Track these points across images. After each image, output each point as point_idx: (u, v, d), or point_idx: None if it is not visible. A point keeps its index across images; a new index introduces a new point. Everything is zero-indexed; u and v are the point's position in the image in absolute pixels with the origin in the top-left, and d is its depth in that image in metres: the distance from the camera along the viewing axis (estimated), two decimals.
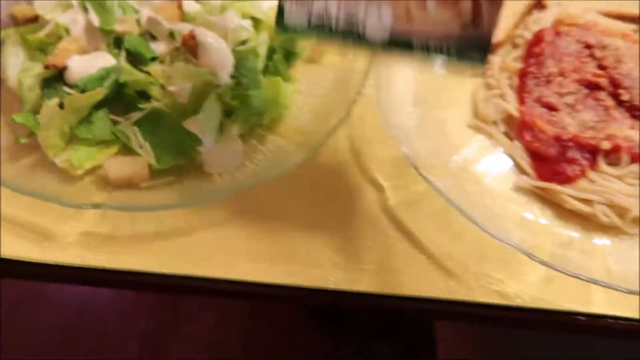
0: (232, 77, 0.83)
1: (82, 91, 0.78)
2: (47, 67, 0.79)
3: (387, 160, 0.87)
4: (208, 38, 0.83)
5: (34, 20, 0.96)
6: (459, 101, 0.96)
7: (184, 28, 0.86)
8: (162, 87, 0.83)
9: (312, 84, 0.96)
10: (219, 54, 0.83)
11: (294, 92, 0.91)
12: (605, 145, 0.85)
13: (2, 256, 0.71)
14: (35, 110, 0.82)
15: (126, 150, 0.82)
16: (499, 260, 0.78)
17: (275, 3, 1.00)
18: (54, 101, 0.75)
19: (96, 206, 0.72)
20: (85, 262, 0.72)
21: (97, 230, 0.76)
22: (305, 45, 0.98)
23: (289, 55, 0.94)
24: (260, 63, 0.88)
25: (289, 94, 0.90)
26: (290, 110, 0.90)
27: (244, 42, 0.89)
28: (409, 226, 0.80)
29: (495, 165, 0.89)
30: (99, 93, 0.78)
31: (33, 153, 0.80)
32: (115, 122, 0.82)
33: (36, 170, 0.78)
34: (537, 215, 0.85)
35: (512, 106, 0.93)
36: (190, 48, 0.84)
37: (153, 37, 0.89)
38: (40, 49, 0.88)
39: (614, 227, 0.80)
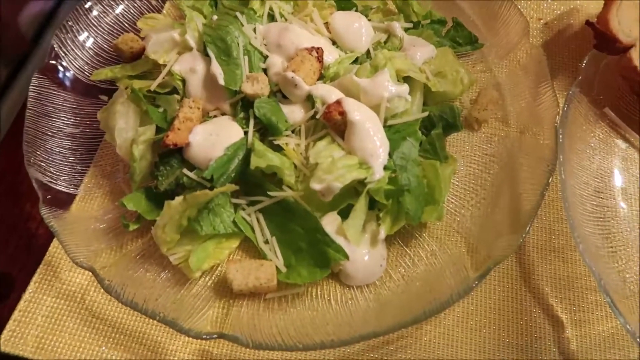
0: (385, 167, 0.66)
1: (205, 178, 0.64)
2: (167, 145, 0.64)
3: (565, 280, 0.69)
4: (361, 115, 0.65)
5: (140, 55, 0.82)
6: None
7: (329, 94, 0.69)
8: (297, 168, 0.67)
9: (472, 161, 0.77)
10: (373, 138, 0.65)
11: (452, 173, 0.73)
12: None
13: None
14: (144, 183, 0.70)
15: (247, 244, 0.68)
16: None
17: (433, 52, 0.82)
18: (178, 201, 0.61)
19: (220, 336, 0.58)
20: None
21: (214, 350, 0.63)
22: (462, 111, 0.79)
23: (448, 127, 0.75)
24: (418, 144, 0.69)
25: (446, 180, 0.71)
26: (447, 201, 0.72)
27: (395, 115, 0.71)
28: None
29: None
30: (230, 189, 0.63)
31: (139, 239, 0.68)
32: (235, 205, 0.68)
33: (145, 263, 0.66)
34: None
35: None
36: (335, 124, 0.67)
37: (284, 96, 0.73)
38: (151, 100, 0.73)
39: None
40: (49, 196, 0.66)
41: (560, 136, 0.71)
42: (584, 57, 0.79)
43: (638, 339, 0.60)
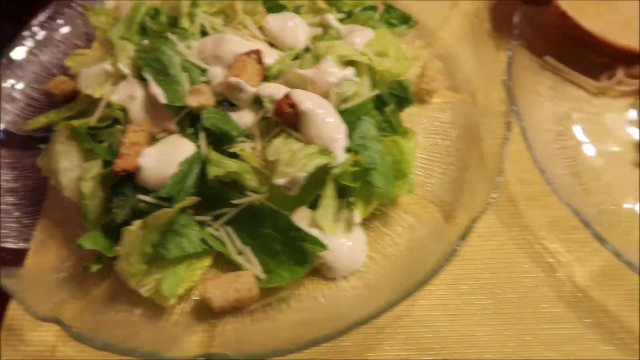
0: (348, 150, 0.64)
1: (162, 198, 0.60)
2: (116, 173, 0.60)
3: (546, 226, 0.68)
4: (311, 104, 0.64)
5: (74, 96, 0.79)
6: (612, 132, 0.76)
7: (276, 91, 0.67)
8: (257, 171, 0.65)
9: (431, 132, 0.77)
10: (328, 124, 0.63)
11: (414, 146, 0.72)
12: None
13: None
14: (100, 222, 0.65)
15: (221, 259, 0.65)
16: None
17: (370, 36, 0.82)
18: (137, 225, 0.57)
19: (206, 357, 0.54)
20: None
21: None
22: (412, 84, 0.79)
23: (400, 102, 0.74)
24: (375, 123, 0.68)
25: (411, 154, 0.70)
26: (414, 174, 0.71)
27: (346, 98, 0.70)
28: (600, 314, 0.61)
29: None
30: (190, 201, 0.60)
31: (104, 280, 0.63)
32: (201, 223, 0.65)
33: (115, 304, 0.61)
34: None
35: None
36: (287, 118, 0.65)
37: (231, 104, 0.71)
38: (93, 137, 0.70)
39: None
40: None
41: (510, 89, 0.72)
42: (514, 14, 0.82)
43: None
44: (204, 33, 0.78)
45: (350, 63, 0.73)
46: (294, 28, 0.78)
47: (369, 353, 0.59)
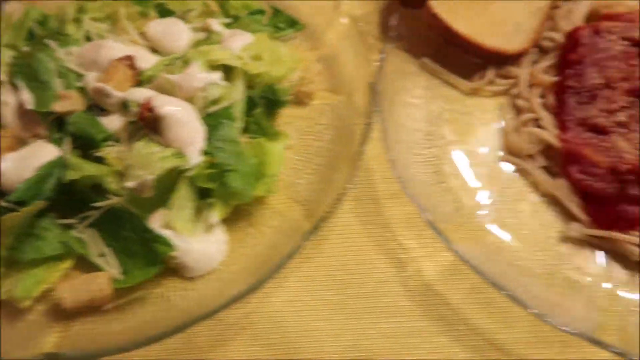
0: (205, 152, 0.66)
1: (18, 203, 0.62)
2: None
3: (404, 222, 0.71)
4: (169, 108, 0.66)
5: None
6: (481, 132, 0.79)
7: (139, 96, 0.69)
8: (121, 174, 0.67)
9: (305, 133, 0.80)
10: (186, 127, 0.66)
11: (285, 148, 0.75)
12: None
13: None
14: None
15: (83, 262, 0.67)
16: (564, 343, 0.63)
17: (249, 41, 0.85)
18: None
19: (50, 356, 0.56)
20: None
21: None
22: (289, 89, 0.81)
23: (272, 105, 0.77)
24: (237, 126, 0.71)
25: (277, 155, 0.73)
26: (283, 175, 0.73)
27: (215, 102, 0.72)
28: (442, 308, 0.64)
29: (536, 210, 0.72)
30: (37, 206, 0.62)
31: None
32: (65, 226, 0.66)
33: None
34: (597, 277, 0.68)
35: (550, 133, 0.76)
36: (148, 122, 0.67)
37: (103, 109, 0.73)
38: None
39: None
40: None
41: (378, 91, 0.75)
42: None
43: (474, 266, 0.62)
44: (90, 39, 0.81)
45: (226, 67, 0.76)
46: (175, 33, 0.81)
47: (218, 349, 0.62)
